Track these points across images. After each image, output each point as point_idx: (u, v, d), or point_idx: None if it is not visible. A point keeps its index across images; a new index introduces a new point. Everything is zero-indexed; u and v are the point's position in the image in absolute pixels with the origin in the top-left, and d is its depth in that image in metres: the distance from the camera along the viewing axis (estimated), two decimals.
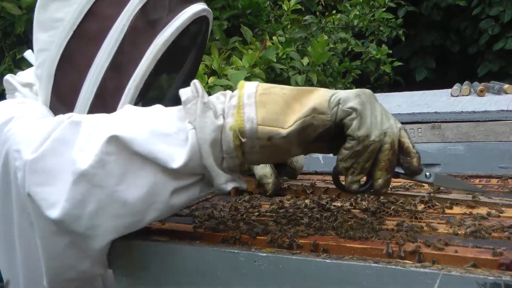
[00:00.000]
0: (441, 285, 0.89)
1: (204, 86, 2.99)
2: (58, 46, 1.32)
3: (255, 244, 1.12)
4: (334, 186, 1.44)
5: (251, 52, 3.37)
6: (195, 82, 1.12)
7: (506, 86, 2.50)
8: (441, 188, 1.35)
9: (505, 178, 1.43)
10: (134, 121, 1.08)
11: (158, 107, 1.13)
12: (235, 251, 1.08)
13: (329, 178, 1.59)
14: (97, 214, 1.06)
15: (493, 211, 1.19)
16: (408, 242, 1.04)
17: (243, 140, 1.06)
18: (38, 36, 1.36)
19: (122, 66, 1.31)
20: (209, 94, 3.07)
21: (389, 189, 1.35)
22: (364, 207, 1.30)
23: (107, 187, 1.05)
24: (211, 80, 3.11)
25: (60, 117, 1.15)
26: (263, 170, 1.47)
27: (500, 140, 1.99)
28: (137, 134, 1.05)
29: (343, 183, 1.14)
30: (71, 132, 1.09)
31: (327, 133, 1.08)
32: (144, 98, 1.35)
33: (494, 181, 1.43)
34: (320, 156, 2.44)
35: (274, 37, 3.87)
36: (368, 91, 1.12)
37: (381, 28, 5.36)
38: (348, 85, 4.60)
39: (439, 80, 2.69)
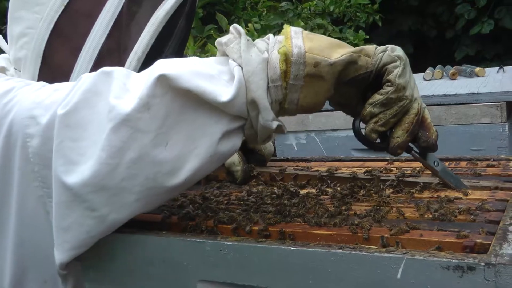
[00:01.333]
0: (405, 269, 0.88)
1: None
2: (47, 22, 1.26)
3: (222, 233, 1.11)
4: (303, 173, 1.44)
5: None
6: (235, 26, 1.11)
7: (477, 69, 2.51)
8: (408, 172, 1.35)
9: (474, 160, 1.43)
10: (176, 64, 1.04)
11: (192, 57, 1.12)
12: (201, 240, 1.07)
13: (301, 164, 1.58)
14: (137, 161, 1.01)
15: (460, 194, 1.19)
16: (375, 227, 1.03)
17: (288, 66, 1.05)
18: (21, 14, 1.28)
19: (120, 40, 1.27)
20: None
21: (359, 174, 1.36)
22: (332, 194, 1.29)
23: (151, 131, 1.00)
24: None
25: (81, 76, 1.09)
26: (232, 158, 1.45)
27: (471, 123, 2.00)
28: (183, 72, 1.02)
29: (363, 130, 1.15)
30: (103, 82, 1.04)
31: (364, 79, 1.10)
32: None
33: (463, 163, 1.43)
34: (293, 142, 2.43)
35: (249, 24, 3.84)
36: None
37: (358, 13, 5.35)
38: None
39: (417, 65, 2.69)
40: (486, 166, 1.38)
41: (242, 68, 1.04)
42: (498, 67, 2.62)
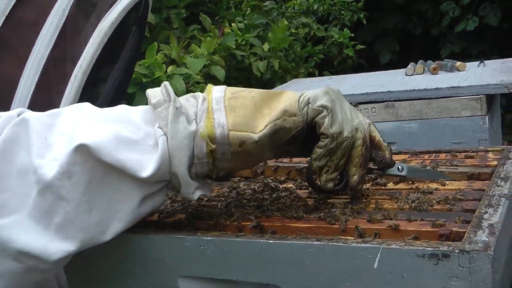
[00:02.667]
0: (381, 259, 0.89)
1: (162, 76, 2.96)
2: None
3: (202, 229, 1.11)
4: (284, 165, 1.44)
5: (209, 40, 3.35)
6: (166, 84, 1.06)
7: (458, 63, 2.53)
8: None
9: (453, 152, 1.44)
10: (98, 126, 1.00)
11: (121, 108, 1.06)
12: (180, 236, 1.07)
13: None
14: (64, 226, 0.98)
15: (437, 185, 1.20)
16: (353, 219, 1.04)
17: (213, 146, 1.02)
18: None
19: (67, 51, 1.24)
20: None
21: None
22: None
23: (74, 199, 0.97)
24: (170, 69, 3.08)
25: (9, 113, 1.04)
26: None
27: (452, 116, 2.02)
28: (103, 141, 0.97)
29: (318, 183, 1.12)
30: (24, 133, 0.99)
31: (299, 135, 1.07)
32: (89, 88, 1.30)
33: (443, 155, 1.44)
34: None
35: (233, 24, 3.84)
36: (335, 89, 1.11)
37: (342, 12, 5.37)
38: (311, 70, 4.60)
39: (403, 62, 2.71)
40: (464, 158, 1.39)
41: (167, 138, 1.01)
42: (479, 62, 2.64)
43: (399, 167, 1.21)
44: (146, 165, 0.99)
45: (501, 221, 0.94)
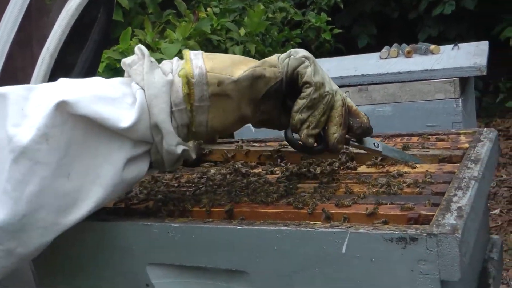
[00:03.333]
0: (349, 243, 0.89)
1: None
2: None
3: (170, 216, 1.10)
4: (255, 149, 1.43)
5: (184, 24, 3.31)
6: (140, 46, 1.07)
7: (432, 47, 2.52)
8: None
9: (425, 136, 1.43)
10: (76, 87, 0.99)
11: (97, 78, 1.06)
12: (148, 223, 1.05)
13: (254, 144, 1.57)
14: (39, 195, 0.93)
15: (408, 168, 1.20)
16: (322, 204, 1.03)
17: (191, 89, 1.02)
18: None
19: (31, 35, 1.21)
20: None
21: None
22: (281, 172, 1.28)
23: (51, 163, 0.93)
24: None
25: None
26: None
27: (425, 99, 2.01)
28: (82, 96, 0.96)
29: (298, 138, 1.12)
30: (1, 106, 0.95)
31: (278, 89, 1.07)
32: (58, 71, 1.27)
33: (415, 139, 1.43)
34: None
35: (208, 9, 3.80)
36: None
37: None
38: None
39: (381, 46, 2.70)
40: (436, 140, 1.38)
41: (145, 91, 1.01)
42: (453, 45, 2.64)
43: (375, 143, 1.20)
44: (125, 117, 0.98)
45: (470, 204, 0.94)
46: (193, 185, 1.27)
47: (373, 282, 0.88)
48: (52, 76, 1.23)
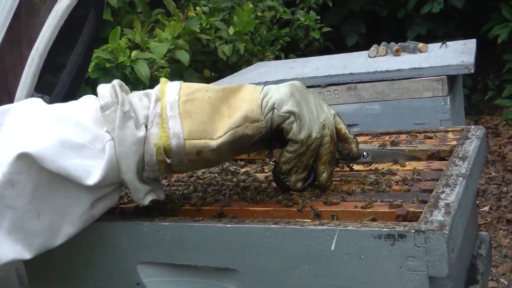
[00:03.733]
0: (338, 240, 0.89)
1: (126, 61, 2.92)
2: None
3: (160, 215, 1.10)
4: None
5: (173, 24, 3.30)
6: (115, 84, 1.00)
7: (420, 45, 2.54)
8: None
9: (413, 133, 1.44)
10: (43, 129, 0.95)
11: (71, 106, 1.01)
12: (138, 222, 1.05)
13: None
14: (12, 232, 0.94)
15: (397, 166, 1.21)
16: (311, 202, 1.04)
17: (168, 161, 0.98)
18: None
19: (22, 34, 1.20)
20: (132, 69, 2.93)
21: None
22: (270, 171, 1.29)
23: (20, 207, 0.94)
24: (134, 54, 3.03)
25: None
26: None
27: (414, 97, 2.03)
28: (47, 148, 0.93)
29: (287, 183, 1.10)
30: None
31: (262, 140, 1.04)
32: (47, 72, 1.27)
33: (403, 136, 1.44)
34: None
35: (197, 8, 3.80)
36: (298, 84, 1.06)
37: None
38: (277, 53, 4.59)
39: (370, 44, 2.71)
40: (424, 138, 1.39)
41: (115, 144, 0.97)
42: (441, 43, 2.66)
43: (364, 153, 1.21)
44: (93, 171, 0.95)
45: (458, 200, 0.95)
46: (183, 183, 1.27)
47: (362, 279, 0.89)
48: (42, 76, 1.23)
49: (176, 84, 1.03)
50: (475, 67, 2.08)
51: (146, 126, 0.99)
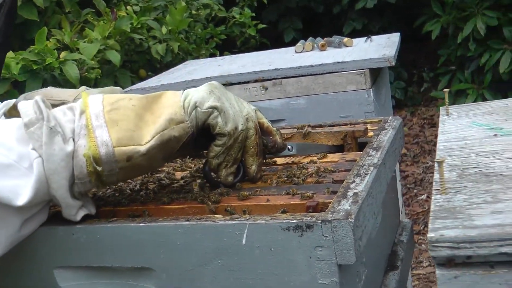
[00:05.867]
0: (249, 234, 0.90)
1: (54, 62, 2.85)
2: None
3: None
4: None
5: (102, 24, 3.25)
6: (38, 100, 0.98)
7: (345, 39, 2.58)
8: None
9: (334, 125, 1.47)
10: None
11: None
12: (53, 227, 1.04)
13: None
14: None
15: (314, 159, 1.23)
16: (225, 198, 1.04)
17: (99, 169, 0.97)
18: None
19: None
20: (61, 70, 2.84)
21: None
22: (190, 170, 1.29)
23: None
24: (63, 55, 2.96)
25: None
26: None
27: (338, 91, 2.06)
28: None
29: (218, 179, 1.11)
30: None
31: (190, 140, 1.04)
32: None
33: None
34: None
35: (128, 7, 3.75)
36: (216, 83, 1.09)
37: None
38: (212, 51, 4.58)
39: (307, 40, 2.75)
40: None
41: (43, 161, 0.95)
42: (366, 37, 2.71)
43: (289, 147, 1.23)
44: (21, 191, 0.93)
45: (367, 190, 0.97)
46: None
47: (274, 271, 0.90)
48: None
49: (99, 95, 1.03)
50: (396, 60, 2.14)
51: (73, 140, 0.97)
